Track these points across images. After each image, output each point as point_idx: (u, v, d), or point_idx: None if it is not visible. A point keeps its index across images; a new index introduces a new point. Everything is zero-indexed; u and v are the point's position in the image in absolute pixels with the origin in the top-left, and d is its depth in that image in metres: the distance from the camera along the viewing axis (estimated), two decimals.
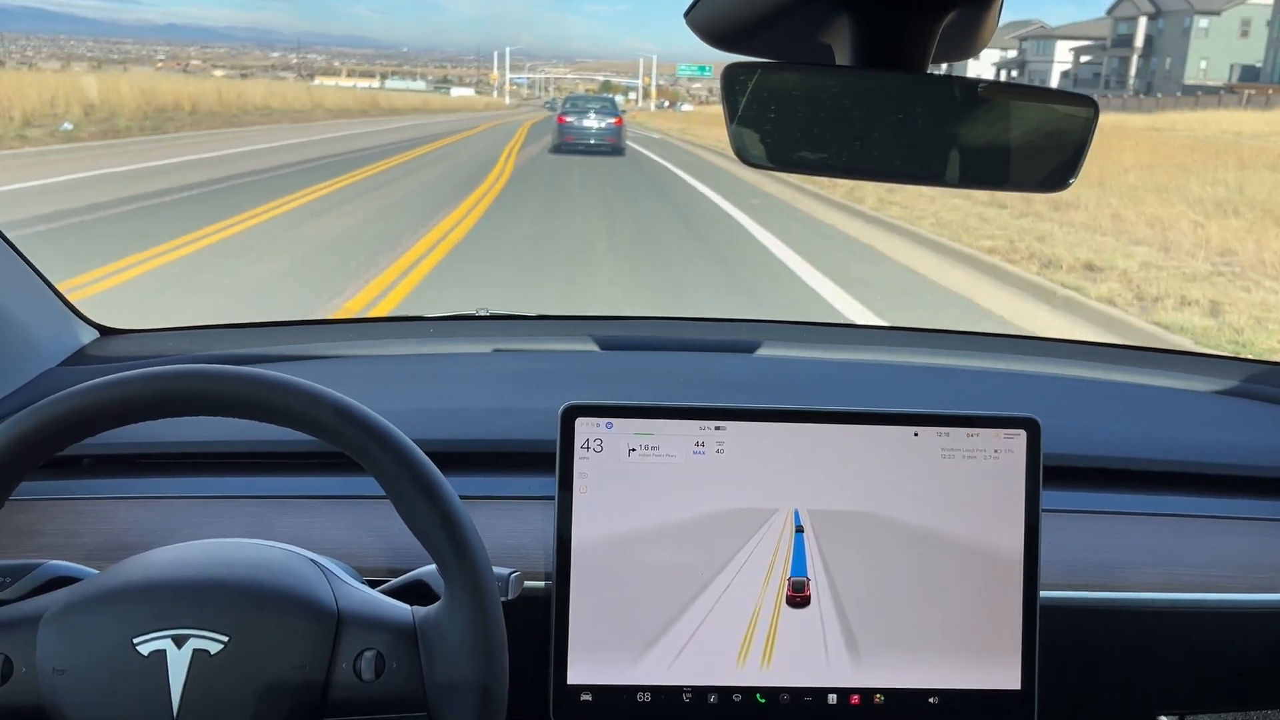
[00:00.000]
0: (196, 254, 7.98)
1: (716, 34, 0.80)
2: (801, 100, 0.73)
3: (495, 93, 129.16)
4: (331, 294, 6.66)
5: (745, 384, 1.39)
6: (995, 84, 0.73)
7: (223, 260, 7.79)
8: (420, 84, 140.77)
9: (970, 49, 0.79)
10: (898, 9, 0.71)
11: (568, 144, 20.33)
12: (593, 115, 20.86)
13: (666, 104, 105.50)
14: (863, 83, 0.73)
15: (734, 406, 0.98)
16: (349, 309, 6.24)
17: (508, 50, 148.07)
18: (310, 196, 12.05)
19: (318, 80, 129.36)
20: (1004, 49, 77.19)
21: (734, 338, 1.57)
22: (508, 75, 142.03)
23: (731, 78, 0.71)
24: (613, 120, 20.74)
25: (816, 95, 0.73)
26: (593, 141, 20.44)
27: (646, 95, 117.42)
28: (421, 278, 7.30)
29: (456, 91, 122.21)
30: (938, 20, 0.71)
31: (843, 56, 0.73)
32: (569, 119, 20.79)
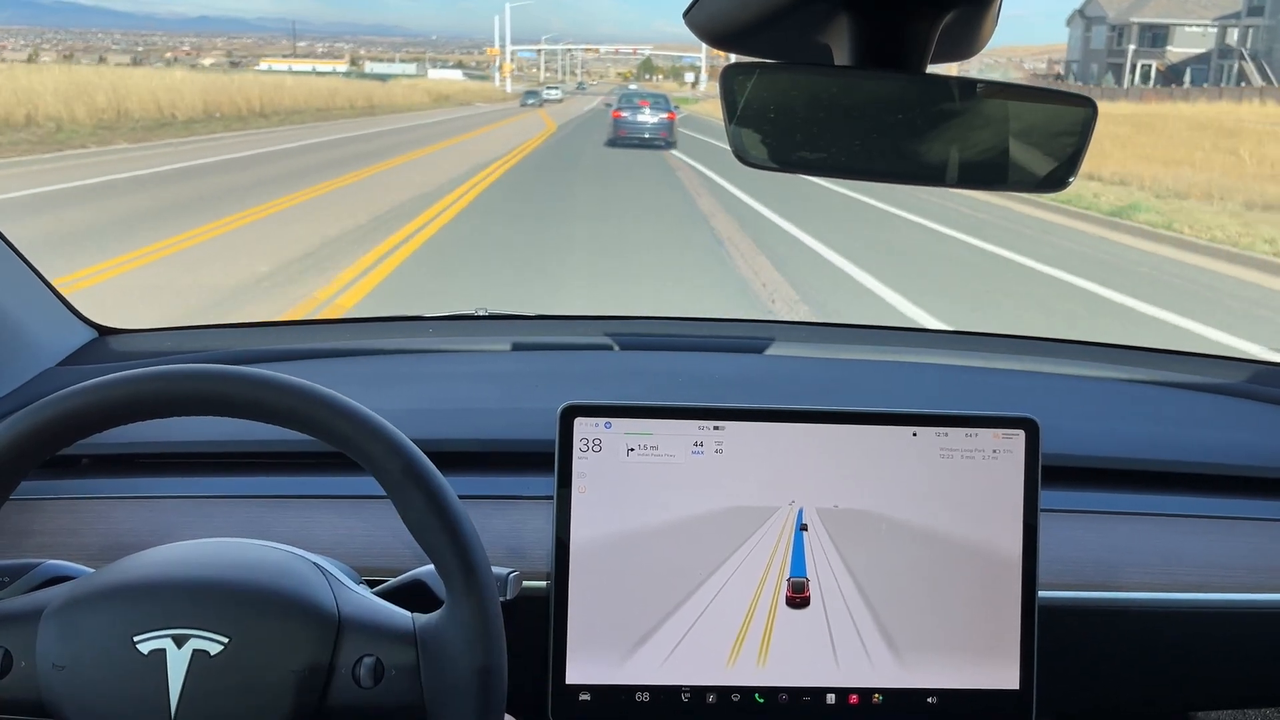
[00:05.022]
0: None
1: (715, 34, 0.80)
2: (801, 100, 0.73)
3: (498, 76, 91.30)
4: None
5: (748, 383, 1.38)
6: (994, 84, 0.74)
7: None
8: (410, 68, 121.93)
9: (970, 49, 0.79)
10: (897, 9, 0.71)
11: (622, 138, 21.60)
12: (646, 111, 22.21)
13: None
14: (862, 83, 0.73)
15: (732, 406, 0.98)
16: None
17: (508, 9, 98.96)
18: None
19: (265, 65, 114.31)
20: None
21: (738, 337, 1.57)
22: (509, 49, 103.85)
23: (730, 78, 0.72)
24: (665, 115, 21.94)
25: (816, 95, 0.73)
26: (647, 136, 21.63)
27: (713, 75, 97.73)
28: None
29: (435, 74, 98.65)
30: (937, 20, 0.71)
31: (842, 57, 0.73)
32: (624, 114, 22.24)
